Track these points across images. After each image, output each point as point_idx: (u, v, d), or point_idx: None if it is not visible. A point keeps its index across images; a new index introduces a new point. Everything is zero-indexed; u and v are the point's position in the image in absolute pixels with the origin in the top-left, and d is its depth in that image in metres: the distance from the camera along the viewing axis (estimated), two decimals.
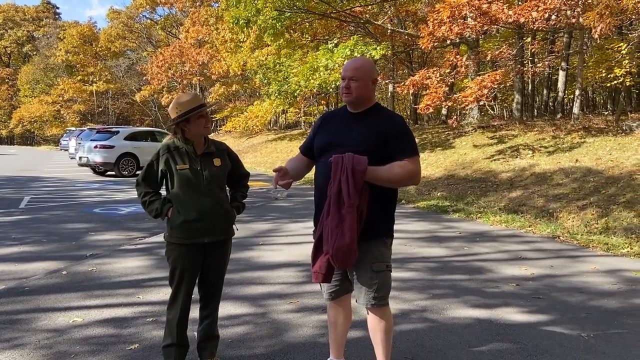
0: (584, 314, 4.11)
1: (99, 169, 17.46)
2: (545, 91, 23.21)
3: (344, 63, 12.97)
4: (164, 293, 4.53)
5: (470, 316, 4.03)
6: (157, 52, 41.24)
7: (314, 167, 2.93)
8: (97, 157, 16.82)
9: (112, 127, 20.34)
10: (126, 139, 17.26)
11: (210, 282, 3.17)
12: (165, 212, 3.03)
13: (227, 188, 3.28)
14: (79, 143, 20.33)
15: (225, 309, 4.04)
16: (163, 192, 3.14)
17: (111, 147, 16.80)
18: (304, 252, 6.12)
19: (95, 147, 16.85)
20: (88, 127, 32.46)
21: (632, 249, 6.29)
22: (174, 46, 39.05)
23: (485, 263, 5.72)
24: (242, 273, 5.11)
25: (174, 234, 3.03)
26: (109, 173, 17.38)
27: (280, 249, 6.39)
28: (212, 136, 3.18)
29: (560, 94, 19.06)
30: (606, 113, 20.60)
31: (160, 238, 6.97)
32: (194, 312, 3.19)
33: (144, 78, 43.56)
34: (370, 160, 2.58)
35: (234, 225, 3.22)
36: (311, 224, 2.96)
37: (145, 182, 3.10)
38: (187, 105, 3.00)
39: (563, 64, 18.16)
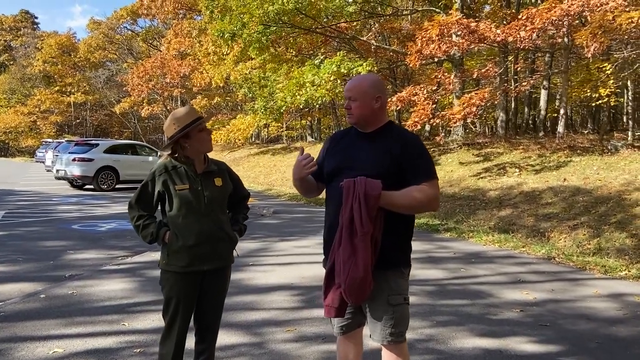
0: (595, 343, 3.95)
1: (76, 183, 16.97)
2: (526, 109, 23.46)
3: (331, 78, 12.68)
4: (152, 320, 4.26)
5: (478, 346, 3.84)
6: (138, 64, 40.75)
7: (325, 190, 2.72)
8: (75, 170, 16.34)
9: (92, 140, 19.85)
10: (106, 152, 16.83)
11: (207, 313, 2.92)
12: (162, 236, 2.78)
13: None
14: (57, 155, 19.80)
15: (219, 337, 3.74)
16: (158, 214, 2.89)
17: (90, 160, 16.35)
18: (297, 273, 5.88)
19: (74, 159, 16.37)
20: (66, 139, 31.78)
21: (629, 271, 6.19)
22: (155, 58, 38.64)
23: (484, 286, 5.54)
24: (234, 297, 4.84)
25: (171, 260, 2.78)
26: (87, 187, 16.90)
27: (271, 270, 6.13)
28: None
29: (543, 112, 19.26)
30: (586, 132, 20.90)
31: (145, 257, 6.67)
32: (189, 342, 2.93)
33: (123, 89, 42.99)
34: (384, 185, 2.38)
35: (234, 251, 2.99)
36: (302, 242, 2.76)
37: (139, 205, 2.84)
38: (185, 119, 2.78)
39: (545, 82, 18.38)
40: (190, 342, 2.93)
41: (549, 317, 4.55)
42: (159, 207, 2.89)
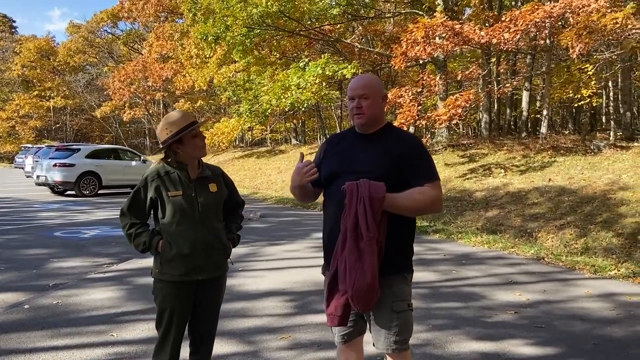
0: (591, 344, 3.94)
1: (57, 188, 16.64)
2: (508, 110, 23.69)
3: (316, 81, 12.59)
4: (141, 330, 4.15)
5: (475, 350, 3.80)
6: (120, 67, 40.26)
7: (323, 194, 2.65)
8: (56, 176, 16.01)
9: (73, 145, 19.47)
10: (88, 156, 16.53)
11: (202, 323, 2.83)
12: (155, 245, 2.68)
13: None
14: (37, 161, 19.41)
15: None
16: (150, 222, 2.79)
17: (71, 165, 16.04)
18: (288, 278, 5.80)
19: (55, 165, 16.05)
20: (46, 144, 31.23)
21: (619, 270, 6.23)
22: (137, 61, 38.20)
23: (476, 288, 5.52)
24: (225, 304, 4.69)
25: (164, 270, 2.69)
26: (68, 193, 16.58)
27: (262, 275, 6.03)
28: None
29: (525, 113, 19.45)
30: (567, 132, 21.14)
31: (131, 265, 6.53)
32: (183, 353, 2.83)
33: (104, 93, 42.43)
34: (386, 187, 2.33)
35: (228, 259, 2.91)
36: (291, 246, 2.68)
37: (131, 212, 2.74)
38: (178, 124, 2.69)
39: (527, 84, 18.56)
40: (184, 352, 2.84)
41: (543, 318, 4.53)
42: (152, 214, 2.80)
